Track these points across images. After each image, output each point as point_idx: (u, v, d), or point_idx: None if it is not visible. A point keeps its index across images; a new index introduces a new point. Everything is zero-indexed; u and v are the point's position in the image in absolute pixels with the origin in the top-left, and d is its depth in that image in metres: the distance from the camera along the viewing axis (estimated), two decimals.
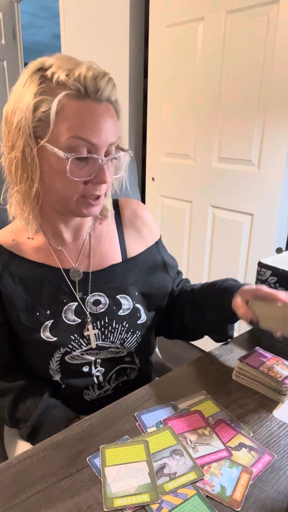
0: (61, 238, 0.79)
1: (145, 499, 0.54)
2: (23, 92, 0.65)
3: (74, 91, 0.63)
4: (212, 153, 1.95)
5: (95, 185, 0.69)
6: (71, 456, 0.61)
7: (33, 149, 0.65)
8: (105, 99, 0.66)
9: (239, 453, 0.62)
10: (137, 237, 0.87)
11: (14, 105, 0.65)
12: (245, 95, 1.74)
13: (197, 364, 0.84)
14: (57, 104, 0.63)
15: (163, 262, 0.90)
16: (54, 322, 0.76)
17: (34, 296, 0.76)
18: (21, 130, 0.65)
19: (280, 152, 1.68)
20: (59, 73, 0.63)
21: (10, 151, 0.67)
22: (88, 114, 0.64)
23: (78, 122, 0.64)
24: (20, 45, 3.61)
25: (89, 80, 0.63)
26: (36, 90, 0.64)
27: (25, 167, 0.67)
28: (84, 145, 0.65)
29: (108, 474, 0.57)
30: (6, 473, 0.58)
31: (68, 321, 0.77)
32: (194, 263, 2.20)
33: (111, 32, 2.38)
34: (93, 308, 0.79)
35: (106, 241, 0.84)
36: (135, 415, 0.69)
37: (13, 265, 0.76)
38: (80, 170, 0.67)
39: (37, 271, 0.77)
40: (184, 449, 0.62)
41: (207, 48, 1.85)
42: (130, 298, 0.82)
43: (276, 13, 1.57)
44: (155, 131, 2.24)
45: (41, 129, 0.65)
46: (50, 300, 0.77)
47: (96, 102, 0.65)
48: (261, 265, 0.98)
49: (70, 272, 0.79)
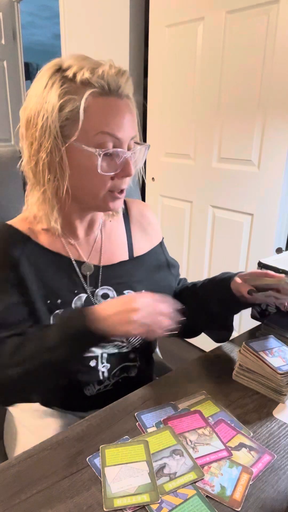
0: (75, 233, 0.81)
1: (145, 499, 0.54)
2: (45, 94, 0.66)
3: (99, 89, 0.66)
4: (212, 153, 1.95)
5: (121, 179, 0.72)
6: (71, 456, 0.61)
7: (61, 149, 0.67)
8: (125, 95, 0.69)
9: (239, 453, 0.62)
10: (143, 236, 0.90)
11: (37, 107, 0.67)
12: (245, 95, 1.74)
13: (197, 364, 0.84)
14: (84, 102, 0.65)
15: (167, 262, 0.93)
16: (64, 312, 0.77)
17: (47, 284, 0.77)
18: (47, 131, 0.66)
19: (280, 152, 1.67)
20: (83, 72, 0.65)
21: (36, 153, 0.68)
22: (113, 110, 0.67)
23: (104, 119, 0.67)
24: (20, 45, 3.61)
25: (112, 78, 0.66)
26: (60, 91, 0.65)
27: (53, 167, 0.69)
28: (110, 140, 0.67)
29: (108, 474, 0.57)
30: (6, 473, 0.58)
31: None
32: (194, 263, 2.20)
33: (111, 32, 2.38)
34: (102, 301, 0.81)
35: (115, 239, 0.86)
36: (135, 415, 0.69)
37: (30, 251, 0.77)
38: (108, 165, 0.69)
39: (52, 259, 0.78)
40: (184, 449, 0.62)
41: (207, 48, 1.85)
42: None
43: (276, 13, 1.56)
44: (155, 131, 2.24)
45: (68, 128, 0.67)
46: (62, 289, 0.78)
47: (119, 98, 0.68)
48: (261, 265, 0.98)
49: (82, 266, 0.81)
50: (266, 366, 0.73)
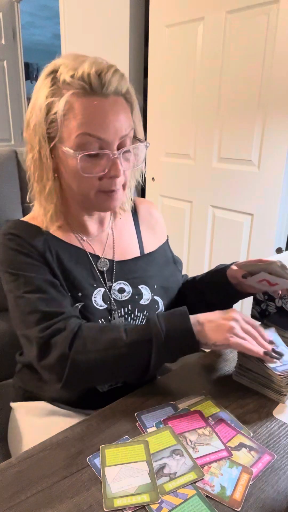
0: (86, 231, 0.82)
1: (145, 499, 0.53)
2: (37, 95, 0.68)
3: (80, 90, 0.65)
4: (212, 153, 1.95)
5: (110, 180, 0.71)
6: (71, 456, 0.61)
7: (47, 150, 0.68)
8: (112, 92, 0.67)
9: (239, 453, 0.62)
10: (152, 234, 0.93)
11: (32, 109, 0.69)
12: (245, 95, 1.74)
13: (197, 364, 0.84)
14: (65, 104, 0.65)
15: (173, 258, 0.97)
16: (84, 305, 0.78)
17: (69, 276, 0.78)
18: (36, 131, 0.68)
19: (280, 152, 1.67)
20: (65, 73, 0.65)
21: (30, 152, 0.71)
22: (95, 110, 0.66)
23: (86, 119, 0.66)
24: (20, 45, 3.61)
25: (93, 77, 0.65)
26: (47, 92, 0.66)
27: (42, 167, 0.71)
28: (95, 141, 0.67)
29: (108, 474, 0.57)
30: (6, 473, 0.58)
31: (97, 306, 0.79)
32: (194, 263, 2.20)
33: (111, 32, 2.38)
34: (118, 295, 0.82)
35: (126, 236, 0.88)
36: (135, 415, 0.69)
37: (52, 243, 0.78)
38: (93, 167, 0.69)
39: (72, 252, 0.80)
40: (184, 449, 0.62)
41: (207, 48, 1.85)
42: (149, 289, 0.85)
43: (276, 13, 1.56)
44: (155, 131, 2.24)
45: (54, 130, 0.68)
46: (83, 282, 0.79)
47: (103, 97, 0.66)
48: None
49: (98, 262, 0.82)
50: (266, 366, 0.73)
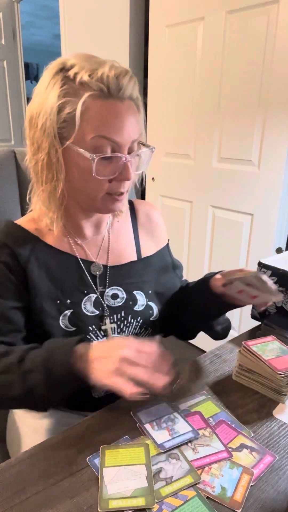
0: (82, 234, 0.81)
1: (141, 503, 0.53)
2: (47, 94, 0.66)
3: (98, 91, 0.64)
4: (212, 153, 1.95)
5: (119, 183, 0.71)
6: (71, 456, 0.61)
7: (58, 150, 0.67)
8: (127, 97, 0.67)
9: (241, 454, 0.62)
10: (150, 238, 0.90)
11: (38, 107, 0.66)
12: (245, 95, 1.74)
13: (197, 364, 0.84)
14: (82, 105, 0.64)
15: (172, 263, 0.94)
16: (73, 312, 0.77)
17: (57, 284, 0.77)
18: (46, 132, 0.66)
19: (280, 152, 1.67)
20: (82, 73, 0.64)
21: (36, 153, 0.69)
22: (112, 113, 0.66)
23: (102, 122, 0.65)
24: (20, 45, 3.61)
25: (112, 80, 0.64)
26: (59, 91, 0.65)
27: (51, 168, 0.69)
28: (108, 144, 0.66)
29: (106, 474, 0.57)
30: (6, 473, 0.58)
31: (87, 312, 0.78)
32: (194, 263, 2.20)
33: (111, 32, 2.38)
34: (111, 301, 0.81)
35: (123, 239, 0.86)
36: (130, 413, 0.69)
37: (39, 251, 0.76)
38: (105, 169, 0.68)
39: (61, 259, 0.78)
40: (180, 453, 0.61)
41: (207, 48, 1.85)
42: (144, 295, 0.84)
43: (276, 13, 1.56)
44: (155, 131, 2.24)
45: (66, 130, 0.66)
46: (72, 289, 0.78)
47: (119, 101, 0.66)
48: (261, 265, 0.98)
49: (92, 266, 0.81)
50: (266, 366, 0.73)
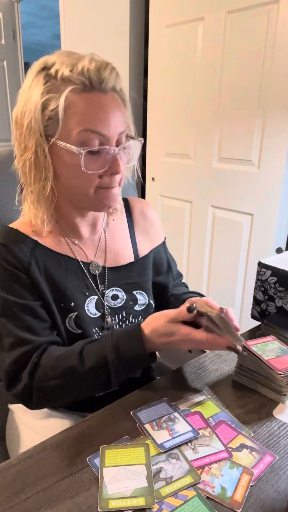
0: (78, 234, 0.80)
1: (140, 503, 0.53)
2: (30, 93, 0.66)
3: (80, 85, 0.64)
4: (212, 153, 1.95)
5: (110, 177, 0.70)
6: (71, 456, 0.61)
7: (45, 149, 0.66)
8: (110, 89, 0.67)
9: (241, 454, 0.62)
10: (146, 236, 0.90)
11: (23, 107, 0.66)
12: (245, 95, 1.74)
13: (197, 364, 0.84)
14: (64, 100, 0.64)
15: (168, 262, 0.94)
16: (78, 315, 0.77)
17: (59, 287, 0.76)
18: (32, 130, 0.66)
19: (280, 152, 1.67)
20: (63, 69, 0.64)
21: (23, 153, 0.68)
22: (96, 106, 0.65)
23: (87, 115, 0.65)
24: (20, 45, 3.61)
25: (93, 72, 0.64)
26: (42, 89, 0.64)
27: (39, 167, 0.68)
28: (95, 138, 0.66)
29: (106, 474, 0.57)
30: (6, 473, 0.58)
31: (90, 314, 0.79)
32: (194, 263, 2.20)
33: (111, 32, 2.38)
34: (112, 302, 0.81)
35: (120, 238, 0.86)
36: (131, 413, 0.69)
37: (39, 254, 0.75)
38: (94, 163, 0.67)
39: (60, 262, 0.77)
40: (180, 452, 0.61)
41: (207, 48, 1.85)
42: (146, 294, 0.84)
43: (276, 13, 1.56)
44: (155, 131, 2.24)
45: (52, 127, 0.66)
46: (74, 292, 0.77)
47: (102, 93, 0.66)
48: (261, 265, 0.98)
49: (90, 265, 0.80)
50: (266, 366, 0.73)
